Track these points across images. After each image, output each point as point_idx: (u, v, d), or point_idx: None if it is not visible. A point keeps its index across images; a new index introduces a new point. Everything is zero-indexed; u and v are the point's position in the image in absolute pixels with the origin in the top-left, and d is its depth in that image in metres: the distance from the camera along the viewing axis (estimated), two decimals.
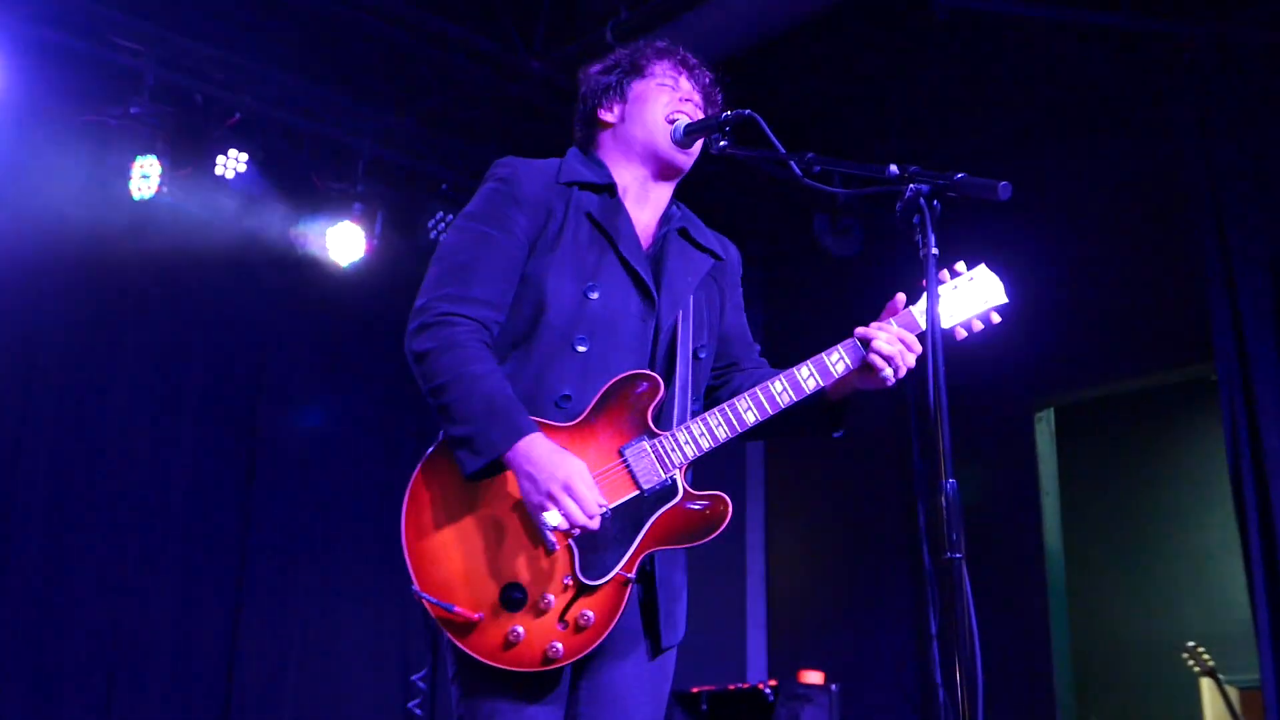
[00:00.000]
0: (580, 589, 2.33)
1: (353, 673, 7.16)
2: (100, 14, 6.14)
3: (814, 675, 6.87)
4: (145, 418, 6.71)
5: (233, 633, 6.82)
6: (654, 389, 2.46)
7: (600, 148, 2.77)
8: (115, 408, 6.60)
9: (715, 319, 2.75)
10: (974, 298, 2.66)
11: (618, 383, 2.46)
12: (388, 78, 7.00)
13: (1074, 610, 7.47)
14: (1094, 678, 8.47)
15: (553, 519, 2.27)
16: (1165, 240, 6.77)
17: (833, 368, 2.57)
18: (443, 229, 7.23)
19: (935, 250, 2.22)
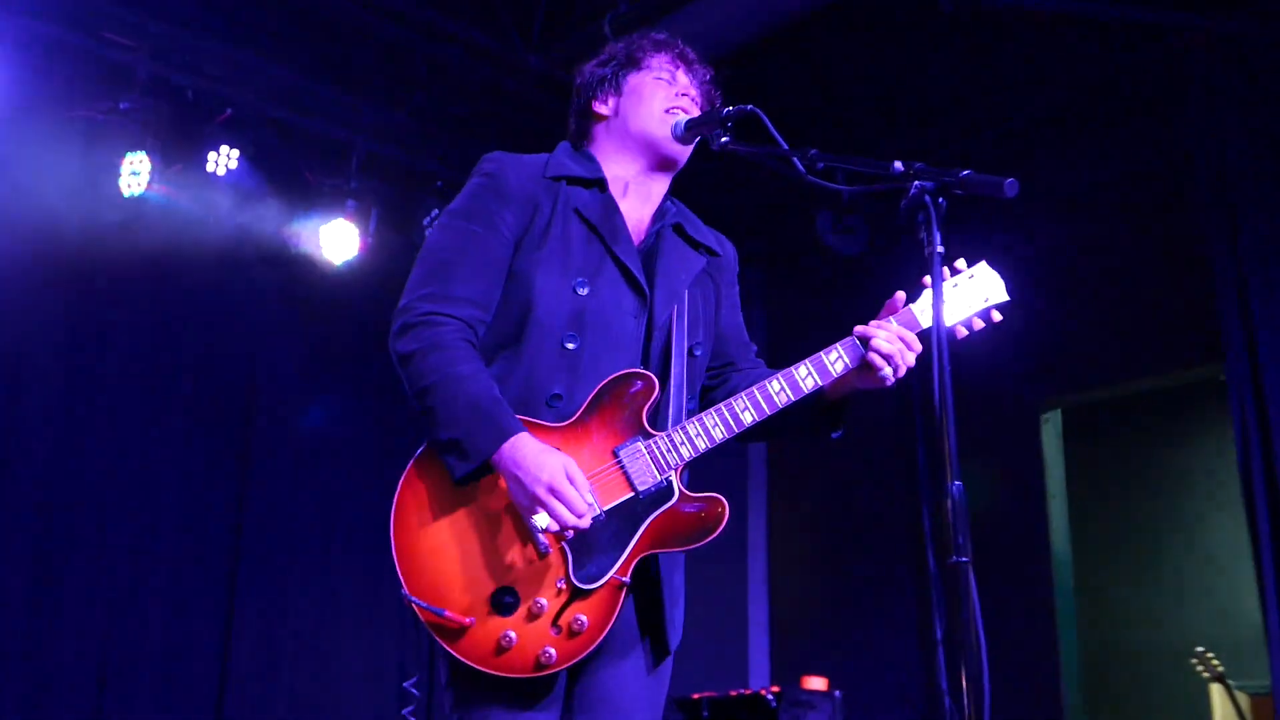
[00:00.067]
0: (574, 593, 2.32)
1: (347, 678, 7.15)
2: (90, 7, 6.13)
3: (817, 681, 6.88)
4: (136, 418, 6.70)
5: (225, 636, 6.81)
6: (649, 388, 2.46)
7: (593, 141, 2.76)
8: (105, 408, 6.59)
9: (711, 317, 2.73)
10: (975, 295, 2.65)
11: (612, 382, 2.45)
12: (382, 72, 7.00)
13: (1082, 615, 7.47)
14: (1102, 684, 8.47)
15: (541, 521, 2.26)
16: (1174, 238, 6.77)
17: (831, 367, 2.57)
18: None
19: (941, 248, 2.21)
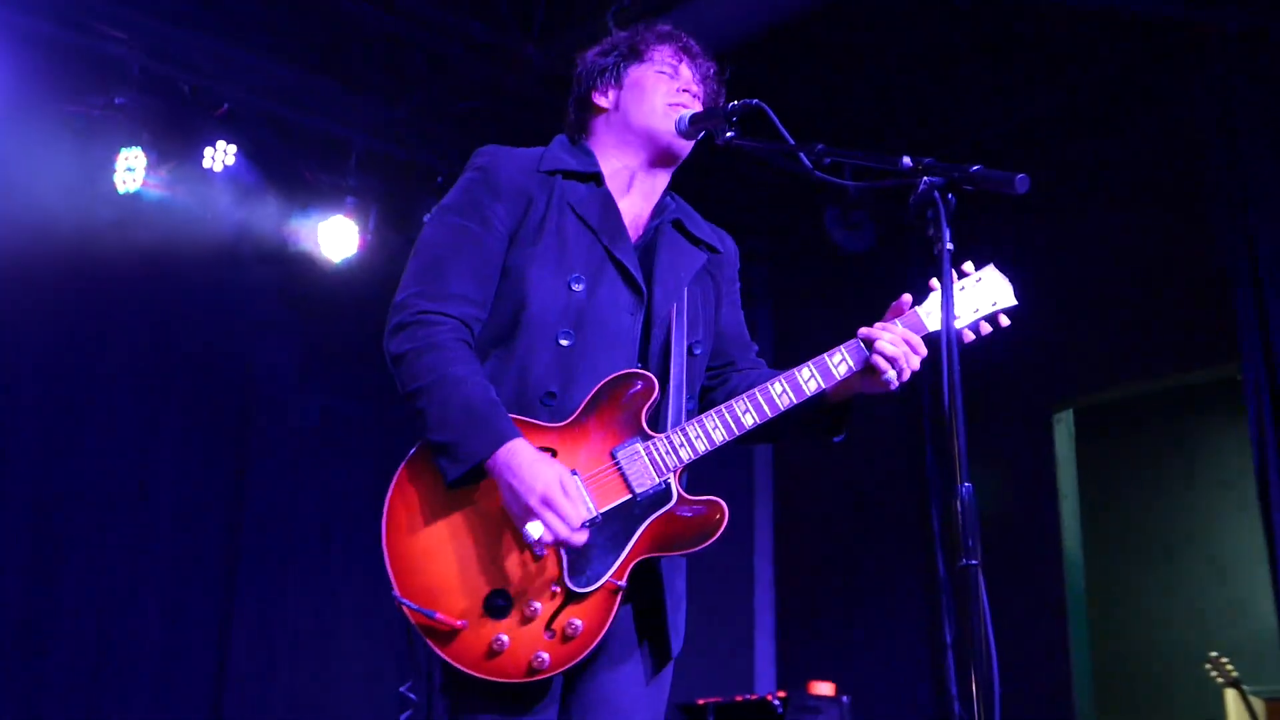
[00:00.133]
0: (568, 596, 2.31)
1: (346, 679, 7.16)
2: (84, 2, 6.13)
3: (824, 686, 6.87)
4: (132, 417, 6.72)
5: (223, 637, 6.83)
6: (649, 389, 2.45)
7: (592, 134, 2.74)
8: (102, 407, 6.61)
9: (711, 315, 2.72)
10: (982, 299, 2.64)
11: (611, 382, 2.44)
12: (381, 67, 7.00)
13: (1094, 619, 7.46)
14: (1114, 689, 8.46)
15: (535, 531, 2.25)
16: (1188, 235, 6.76)
17: (834, 369, 2.55)
18: None
19: (950, 246, 2.20)
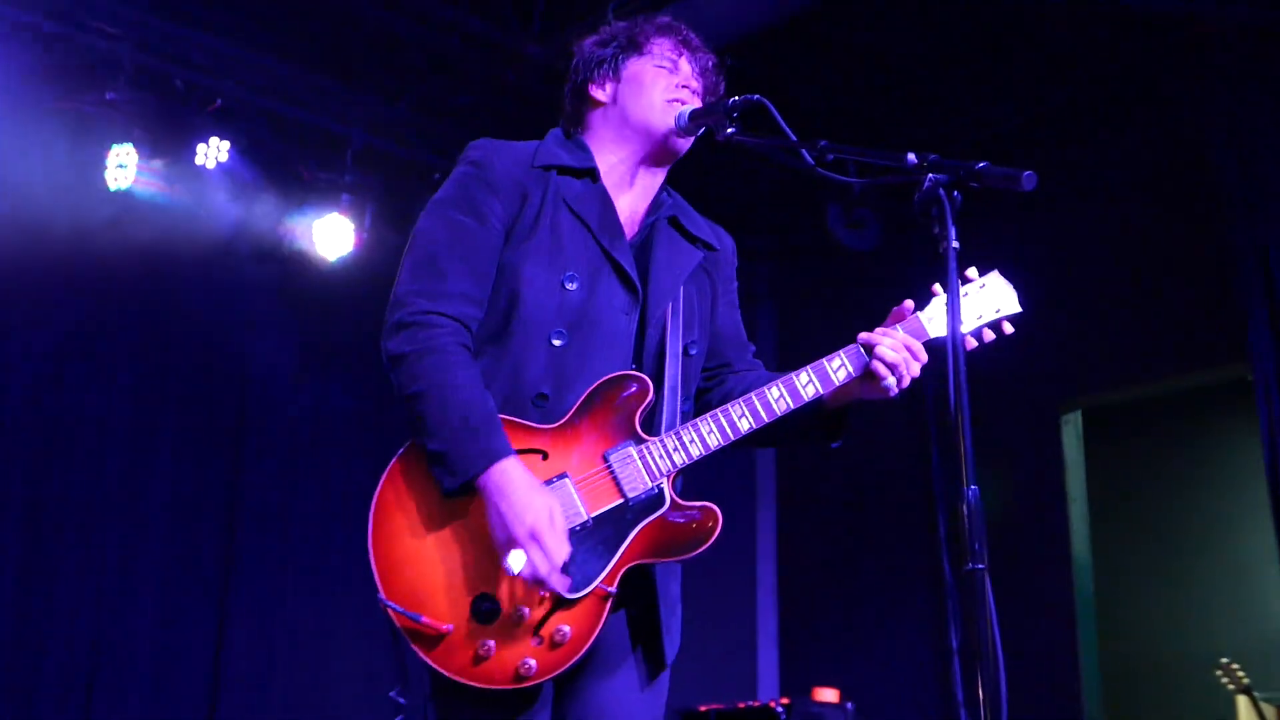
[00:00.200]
0: (557, 602, 2.30)
1: (344, 683, 7.14)
2: None
3: (828, 693, 6.87)
4: (126, 417, 6.72)
5: (217, 641, 6.83)
6: (643, 392, 2.43)
7: (587, 128, 2.72)
8: (94, 407, 6.61)
9: (707, 314, 2.70)
10: (986, 306, 2.62)
11: (605, 383, 2.43)
12: (377, 62, 6.99)
13: (1103, 623, 7.45)
14: (1123, 694, 8.46)
15: (516, 564, 2.23)
16: (1198, 234, 6.76)
17: (833, 375, 2.54)
18: None
19: (956, 244, 2.18)
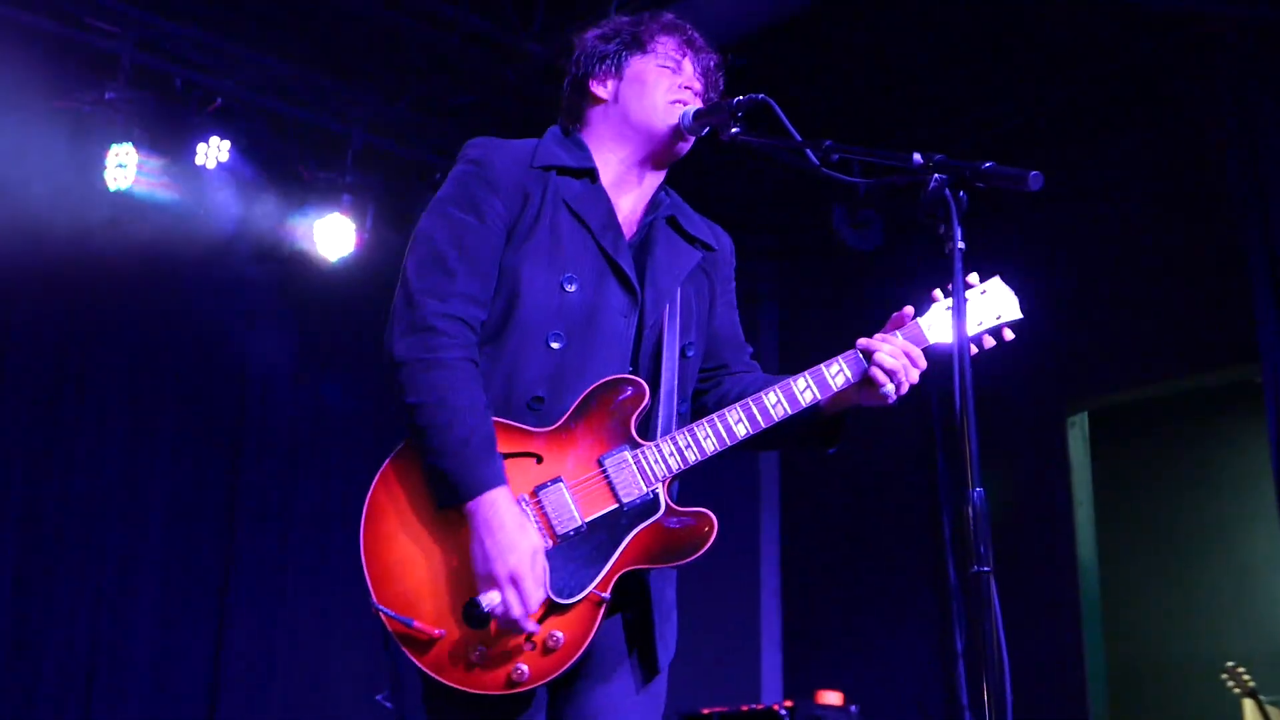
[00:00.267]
0: (550, 607, 2.29)
1: (343, 684, 7.15)
2: None
3: (832, 696, 6.87)
4: (124, 419, 6.73)
5: (217, 641, 6.84)
6: (639, 395, 2.42)
7: (587, 125, 2.70)
8: (93, 409, 6.62)
9: (704, 315, 2.69)
10: (986, 312, 2.62)
11: (600, 387, 2.42)
12: (378, 61, 7.00)
13: (1109, 627, 7.46)
14: (1129, 698, 8.45)
15: (489, 600, 2.23)
16: (1206, 233, 6.75)
17: (831, 380, 2.53)
18: None
19: (961, 245, 2.18)
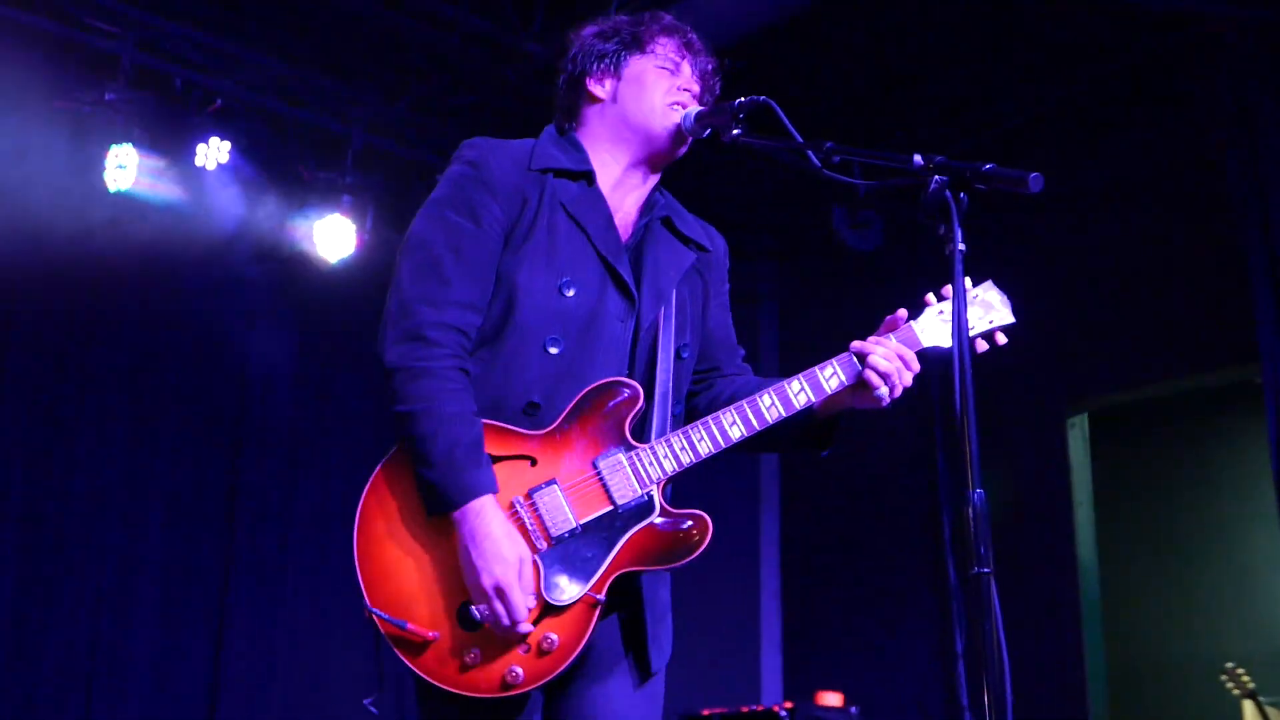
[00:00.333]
0: (544, 609, 2.30)
1: (343, 684, 7.12)
2: None
3: (832, 697, 6.88)
4: (124, 420, 6.73)
5: (217, 641, 6.85)
6: (634, 398, 2.43)
7: (583, 124, 2.68)
8: (93, 410, 6.63)
9: (699, 316, 2.70)
10: (979, 317, 2.63)
11: (595, 389, 2.42)
12: (378, 61, 7.00)
13: (1109, 628, 7.46)
14: (1129, 699, 8.45)
15: (480, 609, 2.26)
16: (1205, 233, 6.76)
17: (825, 383, 2.55)
18: None
19: (962, 246, 2.19)
